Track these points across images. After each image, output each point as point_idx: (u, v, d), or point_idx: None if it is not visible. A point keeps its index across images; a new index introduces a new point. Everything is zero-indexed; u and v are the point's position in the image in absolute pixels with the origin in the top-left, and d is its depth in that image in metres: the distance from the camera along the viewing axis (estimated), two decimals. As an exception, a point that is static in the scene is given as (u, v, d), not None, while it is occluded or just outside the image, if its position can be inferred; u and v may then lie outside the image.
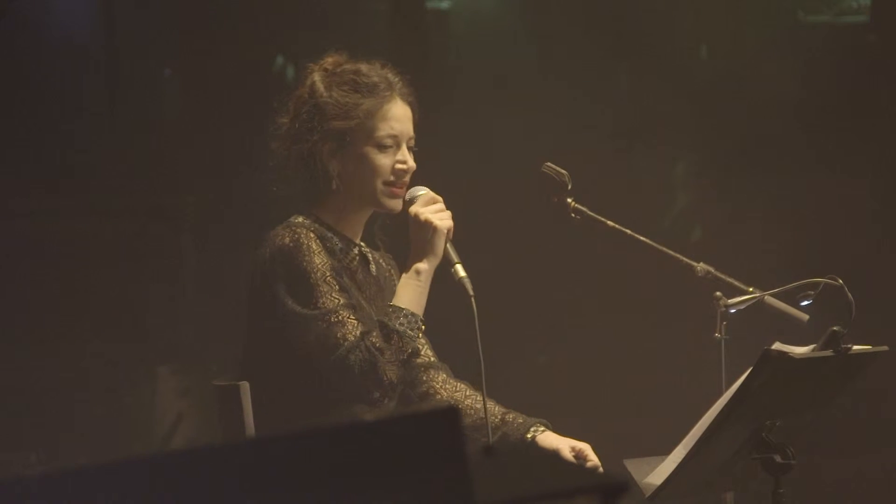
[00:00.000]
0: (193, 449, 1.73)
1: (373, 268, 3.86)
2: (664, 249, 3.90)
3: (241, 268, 6.05)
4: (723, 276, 3.84)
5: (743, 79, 6.08)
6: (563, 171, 3.90)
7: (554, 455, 3.69)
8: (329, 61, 3.81)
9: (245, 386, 3.72)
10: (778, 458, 3.40)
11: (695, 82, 6.17)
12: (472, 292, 3.67)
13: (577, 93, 6.10)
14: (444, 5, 6.41)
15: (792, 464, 3.40)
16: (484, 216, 5.85)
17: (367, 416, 3.62)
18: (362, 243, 3.86)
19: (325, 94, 3.74)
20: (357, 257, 3.79)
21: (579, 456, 3.77)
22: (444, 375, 3.94)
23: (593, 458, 3.77)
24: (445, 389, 3.93)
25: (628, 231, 3.92)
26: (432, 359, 3.92)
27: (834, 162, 5.98)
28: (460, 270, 3.71)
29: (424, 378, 3.90)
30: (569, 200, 3.90)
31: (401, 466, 1.70)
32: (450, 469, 1.69)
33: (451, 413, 1.70)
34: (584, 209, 3.90)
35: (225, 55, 6.04)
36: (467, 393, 3.94)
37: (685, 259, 3.89)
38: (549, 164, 3.92)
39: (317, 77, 3.77)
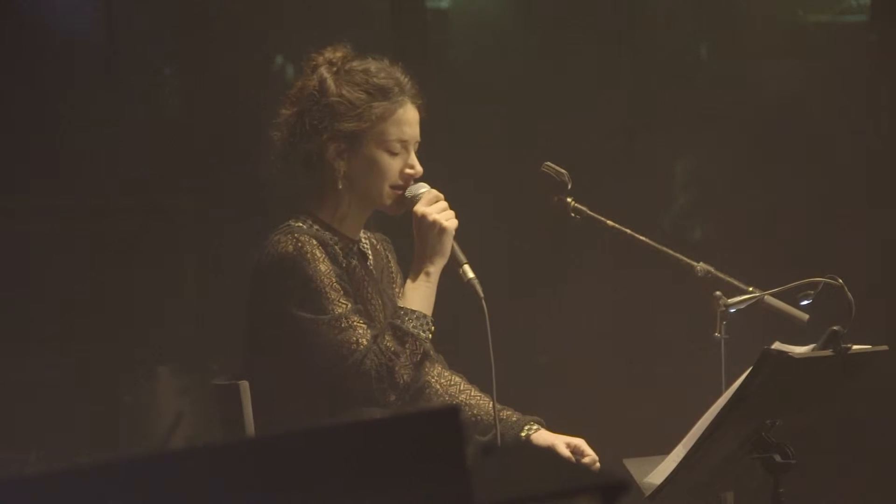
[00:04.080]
0: (193, 448, 1.73)
1: (370, 261, 3.84)
2: (664, 249, 3.90)
3: (240, 267, 6.06)
4: (723, 276, 3.84)
5: (743, 78, 6.08)
6: (563, 171, 3.90)
7: (550, 450, 3.69)
8: (337, 56, 3.75)
9: (245, 385, 3.71)
10: (778, 458, 3.40)
11: (695, 82, 6.17)
12: (482, 294, 3.67)
13: (577, 92, 6.09)
14: (444, 4, 6.41)
15: (792, 463, 3.40)
16: (484, 215, 5.85)
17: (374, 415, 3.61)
18: (362, 235, 3.85)
19: (335, 93, 3.69)
20: (356, 255, 3.78)
21: (575, 452, 3.77)
22: (440, 368, 3.93)
23: (590, 453, 3.77)
24: (440, 384, 3.92)
25: (628, 230, 3.92)
26: (429, 351, 3.91)
27: (834, 161, 5.98)
28: (469, 272, 3.70)
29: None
30: (569, 200, 3.90)
31: (401, 466, 1.70)
32: (450, 469, 1.69)
33: (452, 413, 1.70)
34: (583, 209, 3.90)
35: (225, 55, 6.04)
36: (461, 388, 3.93)
37: (685, 259, 3.89)
38: (548, 163, 3.92)
39: (326, 73, 3.72)
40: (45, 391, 5.84)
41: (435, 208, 3.69)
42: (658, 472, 3.45)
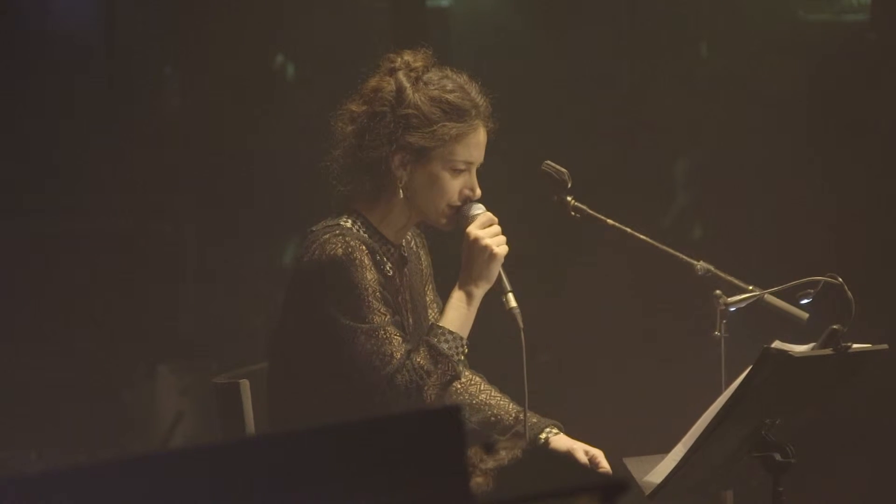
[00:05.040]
0: (193, 447, 1.73)
1: (407, 267, 3.81)
2: (664, 248, 3.90)
3: (241, 267, 6.07)
4: (722, 275, 3.84)
5: (743, 77, 6.08)
6: (563, 170, 3.90)
7: (566, 456, 3.69)
8: (417, 63, 3.72)
9: (245, 384, 3.72)
10: (777, 457, 3.40)
11: (695, 81, 6.16)
12: (522, 325, 3.67)
13: (578, 91, 6.09)
14: (445, 3, 6.41)
15: (791, 462, 3.40)
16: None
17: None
18: (404, 241, 3.82)
19: (412, 104, 3.65)
20: (396, 261, 3.74)
21: (591, 461, 3.76)
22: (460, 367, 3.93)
23: (605, 466, 3.76)
24: (460, 382, 3.91)
25: (628, 229, 3.92)
26: (460, 374, 3.88)
27: (834, 160, 5.97)
28: (512, 300, 3.70)
29: None
30: (569, 199, 3.90)
31: (401, 466, 1.70)
32: (450, 469, 1.69)
33: (452, 413, 1.70)
34: (583, 207, 3.90)
35: (225, 55, 6.04)
36: (482, 387, 3.93)
37: (685, 257, 3.88)
38: (548, 162, 3.92)
39: (404, 80, 3.68)
40: (45, 391, 5.84)
41: (488, 232, 3.68)
42: (658, 470, 3.45)
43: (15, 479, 1.70)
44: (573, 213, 3.90)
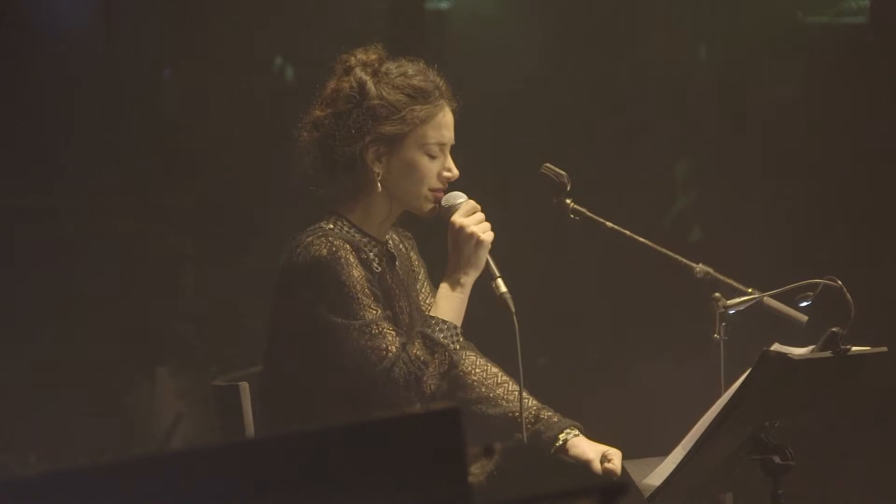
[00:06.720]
0: (192, 449, 1.73)
1: (397, 262, 3.82)
2: (663, 250, 3.90)
3: (240, 268, 6.06)
4: (722, 277, 3.84)
5: (742, 79, 6.08)
6: (562, 172, 3.90)
7: (582, 466, 3.69)
8: (372, 58, 3.72)
9: (244, 386, 3.71)
10: (777, 459, 3.40)
11: (694, 82, 6.17)
12: (513, 308, 3.67)
13: (577, 92, 6.09)
14: (444, 5, 6.41)
15: (791, 465, 3.40)
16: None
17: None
18: (389, 237, 3.83)
19: (376, 95, 3.66)
20: (384, 258, 3.75)
21: (604, 458, 3.75)
22: (474, 356, 3.93)
23: (616, 465, 3.74)
24: (476, 374, 3.92)
25: (627, 232, 3.92)
26: (456, 362, 3.87)
27: (833, 162, 5.98)
28: (502, 286, 3.70)
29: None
30: (568, 201, 3.90)
31: (401, 466, 1.70)
32: (450, 469, 1.69)
33: (452, 413, 1.70)
34: (583, 210, 3.90)
35: (225, 55, 6.04)
36: (499, 380, 3.93)
37: (684, 260, 3.89)
38: (548, 164, 3.92)
39: (363, 74, 3.69)
40: (44, 392, 5.84)
41: (472, 220, 3.68)
42: (657, 473, 3.45)
43: (14, 480, 1.70)
44: (572, 216, 3.90)
